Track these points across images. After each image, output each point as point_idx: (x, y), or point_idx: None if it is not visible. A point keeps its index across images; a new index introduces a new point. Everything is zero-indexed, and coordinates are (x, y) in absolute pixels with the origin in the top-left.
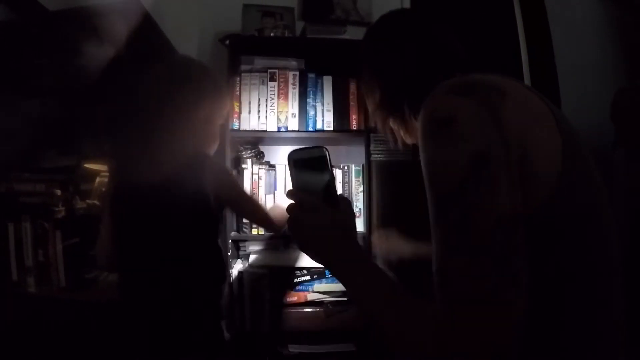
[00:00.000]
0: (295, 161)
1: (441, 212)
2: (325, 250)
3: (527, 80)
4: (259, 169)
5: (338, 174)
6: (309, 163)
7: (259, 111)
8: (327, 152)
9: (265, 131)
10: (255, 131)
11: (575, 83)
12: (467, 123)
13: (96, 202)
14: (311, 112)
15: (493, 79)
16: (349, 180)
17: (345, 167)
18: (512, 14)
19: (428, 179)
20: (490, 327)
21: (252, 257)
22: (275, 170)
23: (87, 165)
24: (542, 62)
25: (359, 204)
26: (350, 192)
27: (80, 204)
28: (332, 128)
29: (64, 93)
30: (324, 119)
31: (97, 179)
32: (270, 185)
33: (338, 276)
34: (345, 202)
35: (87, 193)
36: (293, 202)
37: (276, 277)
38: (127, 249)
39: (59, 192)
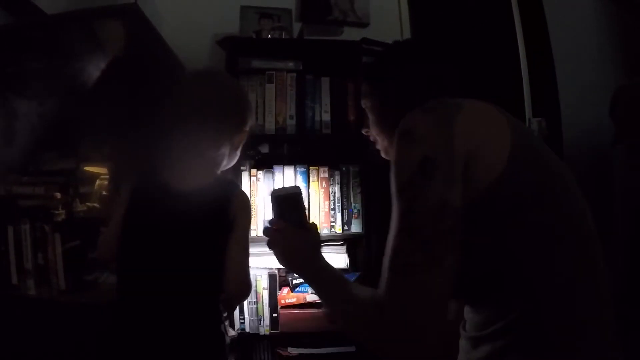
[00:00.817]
0: (276, 197)
1: (395, 201)
2: (296, 263)
3: (525, 79)
4: (257, 171)
5: (336, 175)
6: (287, 198)
7: (256, 113)
8: (300, 191)
9: (264, 134)
10: (253, 133)
11: (574, 81)
12: (421, 133)
13: (96, 204)
14: (309, 114)
15: (460, 100)
16: (347, 182)
17: (344, 168)
18: (510, 12)
19: (392, 178)
20: (414, 295)
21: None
22: (273, 172)
23: (87, 168)
24: (541, 60)
25: (357, 205)
26: (348, 193)
27: (80, 207)
28: (330, 129)
29: (63, 96)
30: (322, 120)
31: (97, 182)
32: (269, 187)
33: (307, 281)
34: (313, 227)
35: (87, 196)
36: (273, 227)
37: (275, 279)
38: (134, 248)
39: (58, 194)
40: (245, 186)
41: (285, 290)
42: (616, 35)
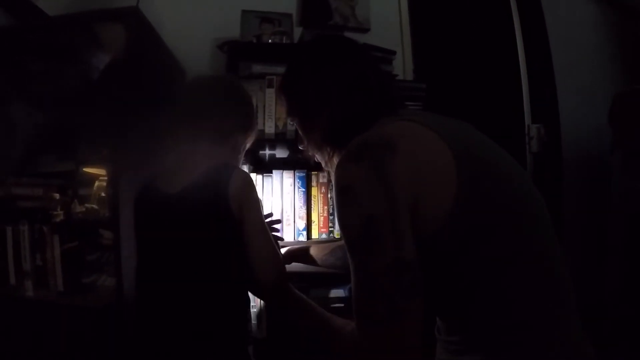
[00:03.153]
0: None
1: (351, 255)
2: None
3: (524, 86)
4: (257, 175)
5: None
6: None
7: (256, 117)
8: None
9: (264, 138)
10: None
11: (573, 87)
12: (359, 192)
13: (95, 206)
14: None
15: (391, 134)
16: None
17: None
18: (510, 18)
19: (340, 230)
20: (383, 343)
21: None
22: (272, 176)
23: (86, 169)
24: (540, 66)
25: None
26: None
27: (79, 208)
28: None
29: (63, 98)
30: None
31: (96, 183)
32: (268, 191)
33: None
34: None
35: (86, 197)
36: None
37: None
38: (143, 258)
39: (57, 195)
40: None
41: None
42: (615, 42)
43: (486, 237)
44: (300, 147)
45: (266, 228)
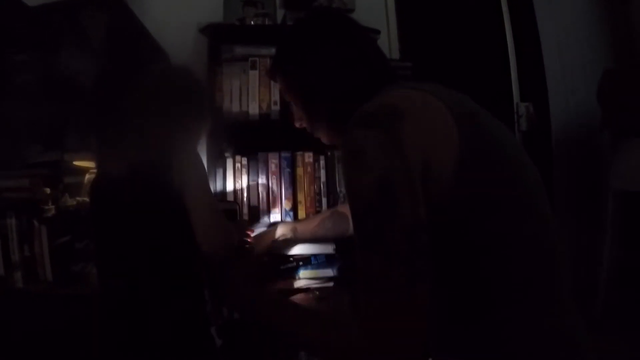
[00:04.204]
0: None
1: (359, 224)
2: (235, 299)
3: (512, 64)
4: (242, 157)
5: (321, 160)
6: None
7: (240, 99)
8: (237, 207)
9: (248, 120)
10: (237, 118)
11: (562, 65)
12: (372, 154)
13: (86, 199)
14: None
15: (396, 100)
16: (333, 167)
17: (329, 153)
18: None
19: (348, 199)
20: (401, 315)
21: None
22: (257, 158)
23: (75, 162)
24: (528, 45)
25: (343, 189)
26: (334, 178)
27: (70, 202)
28: None
29: (47, 88)
30: None
31: (87, 176)
32: (253, 173)
33: (254, 318)
34: (249, 253)
35: (76, 190)
36: None
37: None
38: (103, 245)
39: (48, 190)
40: (229, 173)
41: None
42: (604, 20)
43: (486, 203)
44: (296, 126)
45: (209, 203)
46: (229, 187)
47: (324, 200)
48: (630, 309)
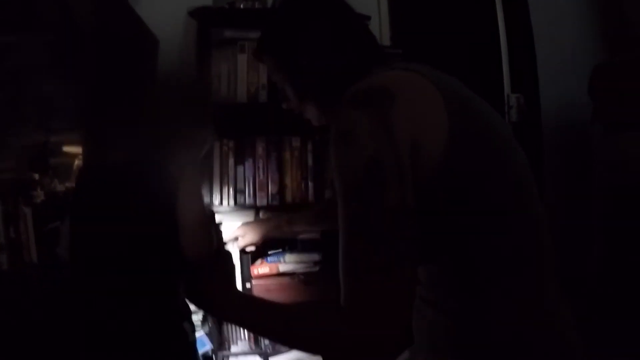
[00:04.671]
0: None
1: (344, 205)
2: (211, 303)
3: (504, 55)
4: (228, 141)
5: (309, 144)
6: None
7: (228, 83)
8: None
9: (236, 103)
10: (225, 102)
11: (554, 57)
12: (361, 135)
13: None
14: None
15: (387, 81)
16: (320, 151)
17: (317, 138)
18: None
19: (335, 179)
20: (383, 298)
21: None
22: (244, 142)
23: (65, 148)
24: (520, 36)
25: (330, 174)
26: (321, 163)
27: (59, 188)
28: None
29: (32, 70)
30: None
31: (76, 162)
32: (240, 157)
33: (233, 321)
34: (225, 256)
35: (66, 176)
36: None
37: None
38: (80, 230)
39: (37, 175)
40: (215, 156)
41: (259, 261)
42: (598, 12)
43: (475, 185)
44: (284, 107)
45: (200, 208)
46: (215, 170)
47: (311, 185)
48: (617, 302)
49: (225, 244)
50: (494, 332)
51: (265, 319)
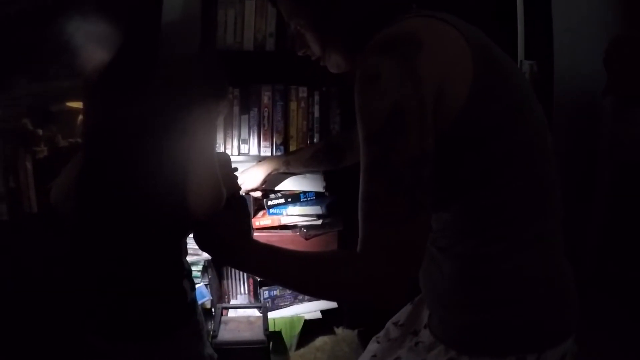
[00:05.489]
0: None
1: (366, 150)
2: (229, 254)
3: (520, 20)
4: (233, 88)
5: (316, 95)
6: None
7: (235, 30)
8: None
9: (242, 50)
10: (230, 49)
11: (571, 26)
12: (387, 80)
13: (80, 140)
14: (290, 32)
15: (415, 29)
16: (327, 103)
17: (324, 89)
18: None
19: (358, 122)
20: (401, 242)
21: None
22: (250, 90)
23: (68, 104)
24: (537, 3)
25: (336, 126)
26: (327, 114)
27: (63, 143)
28: None
29: (27, 17)
30: None
31: (80, 117)
32: (244, 106)
33: (252, 271)
34: (240, 204)
35: (69, 132)
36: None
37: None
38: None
39: (40, 131)
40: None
41: (261, 212)
42: None
43: (492, 136)
44: (300, 54)
45: (210, 166)
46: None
47: (317, 137)
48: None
49: (240, 189)
50: (501, 277)
51: (280, 266)
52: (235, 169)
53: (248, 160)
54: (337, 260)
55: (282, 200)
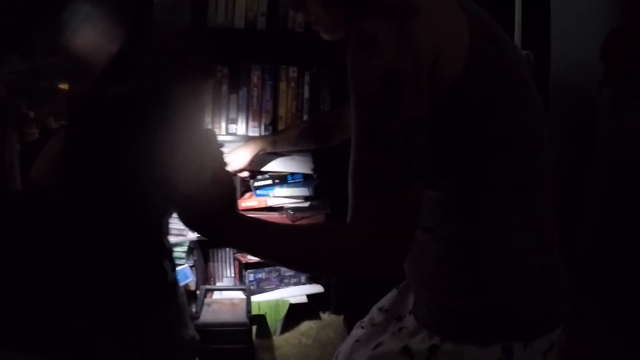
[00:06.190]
0: None
1: (358, 115)
2: (215, 230)
3: (517, 10)
4: (223, 67)
5: (306, 76)
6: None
7: (226, 8)
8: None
9: (233, 28)
10: (221, 27)
11: (568, 17)
12: (382, 44)
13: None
14: (282, 11)
15: None
16: (317, 83)
17: (314, 69)
18: None
19: (351, 88)
20: (393, 213)
21: None
22: (239, 69)
23: (61, 86)
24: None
25: (326, 107)
26: (317, 95)
27: (54, 125)
28: (303, 29)
29: None
30: (295, 19)
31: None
32: (234, 84)
33: (239, 247)
34: (225, 178)
35: (61, 114)
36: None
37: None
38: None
39: (32, 113)
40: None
41: (247, 194)
42: None
43: (486, 109)
44: (295, 11)
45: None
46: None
47: (306, 118)
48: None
49: (225, 164)
50: (488, 262)
51: (269, 240)
52: (222, 145)
53: (236, 140)
54: (326, 231)
55: (270, 182)
